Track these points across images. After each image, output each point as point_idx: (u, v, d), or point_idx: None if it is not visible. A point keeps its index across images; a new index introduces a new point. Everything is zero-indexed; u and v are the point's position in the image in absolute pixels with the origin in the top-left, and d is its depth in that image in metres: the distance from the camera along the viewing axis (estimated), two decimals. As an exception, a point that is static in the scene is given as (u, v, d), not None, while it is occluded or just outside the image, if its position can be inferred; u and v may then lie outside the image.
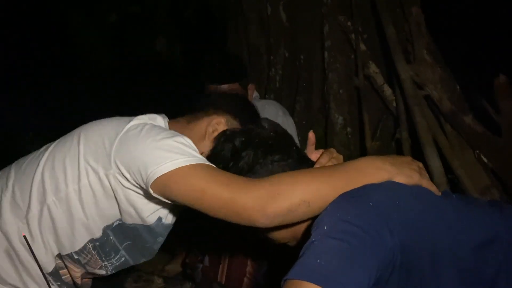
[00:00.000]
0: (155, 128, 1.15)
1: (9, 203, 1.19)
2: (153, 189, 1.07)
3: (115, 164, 1.11)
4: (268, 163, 1.13)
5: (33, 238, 1.17)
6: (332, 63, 2.89)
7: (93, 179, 1.15)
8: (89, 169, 1.14)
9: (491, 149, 2.32)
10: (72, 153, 1.17)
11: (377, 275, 0.88)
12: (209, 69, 1.98)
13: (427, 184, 1.06)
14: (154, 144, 1.09)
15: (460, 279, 0.94)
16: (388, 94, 2.78)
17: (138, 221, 1.21)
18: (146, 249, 1.30)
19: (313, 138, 1.25)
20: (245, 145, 1.14)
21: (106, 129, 1.17)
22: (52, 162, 1.19)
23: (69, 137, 1.22)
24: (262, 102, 2.23)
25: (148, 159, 1.07)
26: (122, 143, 1.12)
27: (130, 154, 1.10)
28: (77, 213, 1.17)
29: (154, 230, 1.25)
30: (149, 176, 1.06)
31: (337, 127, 2.86)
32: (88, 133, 1.19)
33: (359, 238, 0.88)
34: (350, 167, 1.04)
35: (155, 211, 1.21)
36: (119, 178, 1.12)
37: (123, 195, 1.15)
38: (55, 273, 1.23)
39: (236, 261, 1.68)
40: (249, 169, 1.12)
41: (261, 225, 1.00)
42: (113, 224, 1.22)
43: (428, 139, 2.38)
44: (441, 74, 2.50)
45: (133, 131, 1.14)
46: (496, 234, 0.98)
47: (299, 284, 0.84)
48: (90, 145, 1.16)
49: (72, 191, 1.16)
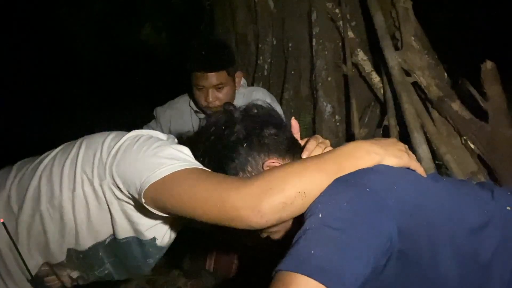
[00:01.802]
0: (151, 138, 1.13)
1: (3, 204, 1.17)
2: (146, 198, 1.03)
3: (110, 174, 1.09)
4: (265, 135, 1.12)
5: (19, 243, 1.14)
6: (320, 51, 2.87)
7: (88, 189, 1.12)
8: (84, 178, 1.12)
9: (478, 135, 2.33)
10: (71, 161, 1.15)
11: (374, 263, 0.87)
12: (196, 57, 1.95)
13: (416, 166, 1.06)
14: (149, 152, 1.07)
15: (457, 264, 0.94)
16: (376, 81, 2.78)
17: (131, 233, 1.18)
18: (134, 268, 1.26)
19: (296, 126, 1.22)
20: (242, 117, 1.14)
21: (105, 140, 1.15)
22: (50, 169, 1.17)
23: (71, 145, 1.20)
24: (250, 89, 2.21)
25: (143, 166, 1.04)
26: (118, 153, 1.10)
27: (125, 163, 1.07)
28: (69, 222, 1.14)
29: (146, 247, 1.21)
30: (143, 183, 1.02)
31: (325, 115, 2.85)
32: (88, 143, 1.17)
33: (355, 226, 0.86)
34: (340, 153, 1.02)
35: (150, 227, 1.18)
36: (113, 189, 1.10)
37: (118, 206, 1.13)
38: (37, 279, 1.20)
39: (224, 248, 1.67)
40: (245, 138, 1.11)
41: (256, 226, 0.94)
42: (105, 241, 1.19)
43: (415, 125, 2.39)
44: (429, 61, 2.51)
45: (129, 141, 1.12)
46: (490, 217, 0.98)
47: (292, 276, 0.81)
48: (89, 154, 1.14)
49: (67, 198, 1.13)
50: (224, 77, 1.95)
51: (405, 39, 2.51)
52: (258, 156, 1.11)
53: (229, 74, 1.97)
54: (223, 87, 1.96)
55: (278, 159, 1.11)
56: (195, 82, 1.96)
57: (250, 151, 1.11)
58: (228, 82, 1.97)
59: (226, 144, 1.12)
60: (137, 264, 1.24)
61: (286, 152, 1.13)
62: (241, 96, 2.11)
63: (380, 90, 2.76)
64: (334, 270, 0.80)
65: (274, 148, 1.12)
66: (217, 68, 1.93)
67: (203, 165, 1.09)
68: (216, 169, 1.09)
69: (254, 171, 1.11)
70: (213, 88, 1.94)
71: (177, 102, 2.24)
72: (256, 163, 1.11)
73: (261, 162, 1.11)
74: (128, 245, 1.20)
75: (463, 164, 2.36)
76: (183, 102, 2.22)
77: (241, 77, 2.15)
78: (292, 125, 1.21)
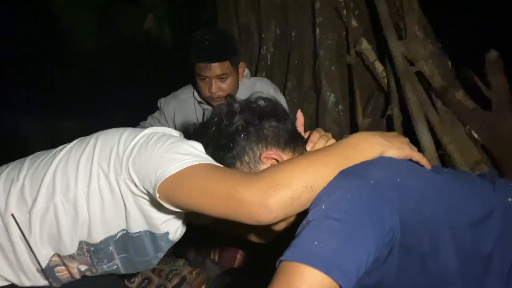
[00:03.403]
0: (165, 135, 1.15)
1: (16, 195, 1.18)
2: (160, 193, 1.05)
3: (126, 169, 1.10)
4: (264, 127, 1.12)
5: (31, 233, 1.16)
6: (323, 40, 2.86)
7: (104, 183, 1.14)
8: (100, 173, 1.14)
9: (482, 124, 2.32)
10: (87, 155, 1.17)
11: (376, 255, 0.88)
12: (199, 47, 1.95)
13: (418, 157, 1.06)
14: (164, 147, 1.08)
15: (459, 256, 0.94)
16: (380, 71, 2.77)
17: (145, 227, 1.20)
18: (144, 263, 1.28)
19: (302, 118, 1.23)
20: (242, 109, 1.14)
21: (121, 136, 1.17)
22: (66, 162, 1.18)
23: (87, 140, 1.22)
24: (253, 79, 2.21)
25: (157, 162, 1.06)
26: (134, 149, 1.11)
27: (140, 159, 1.09)
28: (82, 215, 1.16)
29: (159, 241, 1.23)
30: (158, 177, 1.04)
31: (328, 105, 2.85)
32: (105, 138, 1.19)
33: (358, 218, 0.87)
34: (344, 145, 1.03)
35: (163, 222, 1.19)
36: (129, 184, 1.12)
37: (133, 200, 1.15)
38: (48, 269, 1.22)
39: (229, 240, 1.68)
40: (243, 128, 1.11)
41: (264, 221, 0.94)
42: (116, 235, 1.21)
43: (419, 115, 2.38)
44: (433, 50, 2.49)
45: (145, 138, 1.14)
46: (491, 209, 0.99)
47: (295, 266, 0.82)
48: (105, 150, 1.15)
49: (82, 192, 1.15)
50: (227, 68, 1.94)
51: (409, 28, 2.50)
52: (256, 147, 1.12)
53: (232, 65, 1.97)
54: (226, 77, 1.95)
55: (277, 151, 1.12)
56: (199, 72, 1.96)
57: (248, 142, 1.11)
58: (231, 73, 1.97)
59: (224, 135, 1.13)
60: (147, 258, 1.26)
61: (286, 144, 1.13)
62: (244, 87, 2.11)
63: (384, 79, 2.75)
64: (337, 260, 0.81)
65: (273, 140, 1.12)
66: (220, 59, 1.92)
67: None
68: (215, 158, 1.10)
69: (251, 161, 1.12)
70: (217, 78, 1.94)
71: (181, 93, 2.25)
72: (253, 154, 1.12)
73: (259, 153, 1.11)
74: (141, 239, 1.22)
75: (466, 154, 2.36)
76: (187, 93, 2.22)
77: (245, 67, 2.14)
78: (298, 117, 1.22)
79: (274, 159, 1.11)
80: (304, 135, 1.20)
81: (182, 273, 1.61)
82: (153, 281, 1.58)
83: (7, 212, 1.17)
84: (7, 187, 1.21)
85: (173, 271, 1.61)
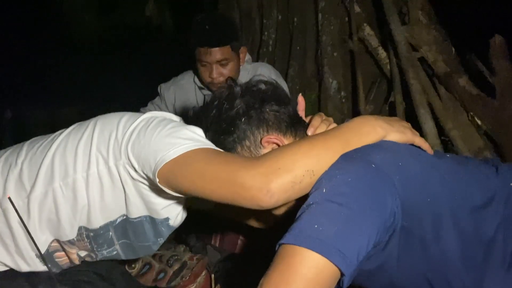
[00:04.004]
0: (165, 120, 1.14)
1: (14, 181, 1.18)
2: (159, 178, 1.04)
3: (125, 154, 1.09)
4: (265, 110, 1.11)
5: (29, 219, 1.16)
6: (326, 26, 2.83)
7: (103, 168, 1.13)
8: (99, 158, 1.13)
9: (485, 111, 2.30)
10: (86, 140, 1.15)
11: (377, 239, 0.87)
12: (200, 32, 1.93)
13: (420, 141, 1.05)
14: (164, 132, 1.07)
15: (460, 241, 0.94)
16: (383, 57, 2.74)
17: (145, 212, 1.19)
18: (144, 248, 1.27)
19: (303, 103, 1.21)
20: (243, 92, 1.13)
21: (120, 120, 1.16)
22: (64, 147, 1.17)
23: (85, 124, 1.20)
24: (255, 64, 2.19)
25: (157, 146, 1.05)
26: (133, 134, 1.10)
27: (139, 143, 1.08)
28: (81, 200, 1.15)
29: (159, 226, 1.22)
30: (157, 162, 1.03)
31: (331, 91, 2.83)
32: (103, 123, 1.18)
33: (359, 202, 0.86)
34: (346, 129, 1.02)
35: (164, 207, 1.18)
36: (128, 169, 1.11)
37: (133, 185, 1.14)
38: (47, 255, 1.22)
39: (230, 225, 1.68)
40: (244, 112, 1.10)
41: (266, 205, 0.93)
42: (116, 221, 1.20)
43: (422, 101, 2.37)
44: (436, 36, 2.47)
45: (144, 122, 1.13)
46: (493, 194, 0.98)
47: (295, 250, 0.81)
48: (104, 135, 1.14)
49: (80, 178, 1.14)
50: (228, 53, 1.92)
51: (412, 14, 2.47)
52: (257, 131, 1.10)
53: (233, 50, 1.95)
54: (227, 63, 1.94)
55: (278, 135, 1.11)
56: (199, 57, 1.94)
57: (249, 126, 1.10)
58: (232, 58, 1.95)
59: (225, 118, 1.11)
60: (148, 243, 1.26)
61: (287, 129, 1.12)
62: (246, 72, 2.09)
63: (387, 65, 2.73)
64: (337, 244, 0.81)
65: (274, 124, 1.11)
66: (221, 43, 1.90)
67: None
68: (216, 143, 1.09)
69: (252, 146, 1.11)
70: (217, 64, 1.92)
71: (182, 79, 2.23)
72: (254, 138, 1.10)
73: (260, 137, 1.10)
74: (141, 224, 1.21)
75: (469, 141, 2.34)
76: (187, 79, 2.20)
77: (246, 52, 2.12)
78: (299, 101, 1.20)
79: (275, 143, 1.10)
80: (305, 120, 1.19)
81: (183, 259, 1.61)
82: (153, 267, 1.58)
83: (5, 197, 1.16)
84: (5, 172, 1.20)
85: (174, 257, 1.61)
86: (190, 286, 1.54)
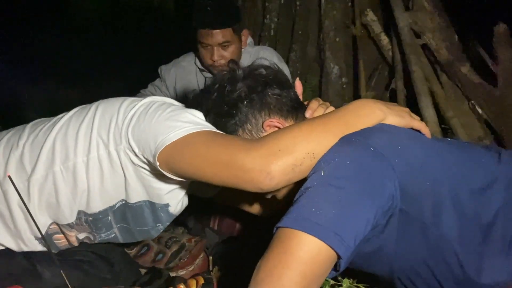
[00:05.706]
0: (165, 104, 1.13)
1: (15, 163, 1.18)
2: (160, 161, 1.03)
3: (126, 138, 1.09)
4: (267, 94, 1.11)
5: (29, 201, 1.16)
6: (329, 10, 2.81)
7: (103, 153, 1.13)
8: (100, 142, 1.13)
9: (486, 99, 2.30)
10: (87, 125, 1.15)
11: (375, 222, 0.87)
12: (201, 14, 1.91)
13: (419, 125, 1.05)
14: (164, 115, 1.07)
15: (459, 224, 0.94)
16: (385, 43, 2.73)
17: (145, 197, 1.19)
18: (142, 233, 1.27)
19: (300, 87, 1.21)
20: (245, 75, 1.13)
21: (121, 105, 1.15)
22: (65, 131, 1.17)
23: (86, 109, 1.20)
24: (257, 48, 2.17)
25: (157, 130, 1.05)
26: (133, 118, 1.10)
27: (140, 127, 1.08)
28: (81, 185, 1.15)
29: (158, 212, 1.22)
30: (158, 145, 1.02)
31: (332, 77, 2.82)
32: (105, 107, 1.17)
33: (357, 185, 0.86)
34: (345, 111, 1.02)
35: (165, 193, 1.18)
36: (128, 154, 1.10)
37: (133, 170, 1.13)
38: (47, 237, 1.22)
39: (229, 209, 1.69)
40: (246, 95, 1.10)
41: (266, 188, 0.93)
42: (115, 205, 1.20)
43: (423, 88, 2.36)
44: (440, 23, 2.45)
45: (144, 107, 1.12)
46: (494, 178, 0.98)
47: (292, 233, 0.82)
48: (105, 119, 1.14)
49: (81, 161, 1.14)
50: (229, 35, 1.91)
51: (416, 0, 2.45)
52: (259, 114, 1.10)
53: (234, 32, 1.93)
54: (228, 45, 1.92)
55: (280, 119, 1.11)
56: (200, 39, 1.93)
57: (251, 109, 1.10)
58: (234, 40, 1.93)
59: (227, 101, 1.11)
60: (147, 228, 1.26)
61: (288, 113, 1.12)
62: (247, 55, 2.08)
63: (389, 52, 2.71)
64: (334, 227, 0.81)
65: (276, 108, 1.11)
66: (222, 25, 1.89)
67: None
68: (217, 126, 1.09)
69: (254, 129, 1.11)
70: (219, 46, 1.91)
71: (183, 61, 2.21)
72: (256, 122, 1.10)
73: (261, 121, 1.10)
74: (140, 209, 1.21)
75: (469, 129, 2.34)
76: (188, 61, 2.19)
77: (248, 35, 2.11)
78: (296, 85, 1.20)
79: (276, 127, 1.10)
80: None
81: (181, 241, 1.61)
82: (152, 248, 1.58)
83: (5, 179, 1.16)
84: (7, 153, 1.20)
85: (172, 239, 1.62)
86: (188, 268, 1.54)
